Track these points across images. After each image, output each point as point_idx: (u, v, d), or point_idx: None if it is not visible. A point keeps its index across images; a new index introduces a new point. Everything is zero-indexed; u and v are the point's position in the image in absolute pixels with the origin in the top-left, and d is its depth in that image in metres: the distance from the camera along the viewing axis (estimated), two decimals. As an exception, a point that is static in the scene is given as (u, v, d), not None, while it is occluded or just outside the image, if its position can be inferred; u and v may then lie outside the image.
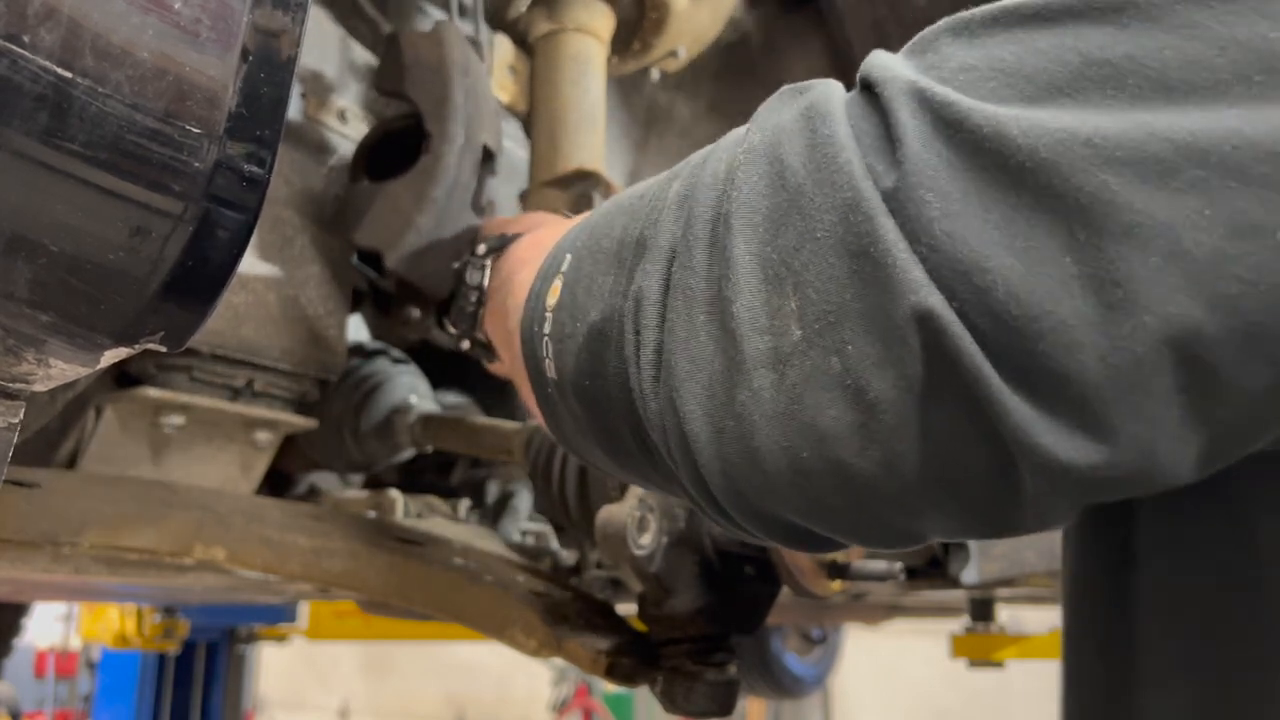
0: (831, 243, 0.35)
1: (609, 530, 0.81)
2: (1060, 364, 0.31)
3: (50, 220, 0.31)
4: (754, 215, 0.37)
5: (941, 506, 0.36)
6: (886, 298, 0.33)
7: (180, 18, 0.32)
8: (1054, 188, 0.31)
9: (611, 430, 0.47)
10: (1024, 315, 0.31)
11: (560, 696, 6.20)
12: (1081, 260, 0.31)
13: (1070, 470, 0.32)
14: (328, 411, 1.28)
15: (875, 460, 0.35)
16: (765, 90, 1.54)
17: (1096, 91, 0.32)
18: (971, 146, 0.33)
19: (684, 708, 0.87)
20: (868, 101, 0.37)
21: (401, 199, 1.05)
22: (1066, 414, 0.32)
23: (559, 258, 0.52)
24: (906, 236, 0.33)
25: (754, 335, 0.37)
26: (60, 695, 5.98)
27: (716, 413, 0.38)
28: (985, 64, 0.35)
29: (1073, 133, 0.32)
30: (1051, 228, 0.32)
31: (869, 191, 0.34)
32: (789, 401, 0.36)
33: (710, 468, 0.39)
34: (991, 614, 2.82)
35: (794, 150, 0.37)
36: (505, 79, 1.09)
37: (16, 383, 0.36)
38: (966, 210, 0.32)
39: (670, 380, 0.40)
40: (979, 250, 0.32)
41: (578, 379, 0.47)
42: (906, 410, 0.33)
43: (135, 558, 0.91)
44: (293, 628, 4.36)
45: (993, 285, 0.32)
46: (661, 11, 1.15)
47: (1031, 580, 1.62)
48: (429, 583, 1.00)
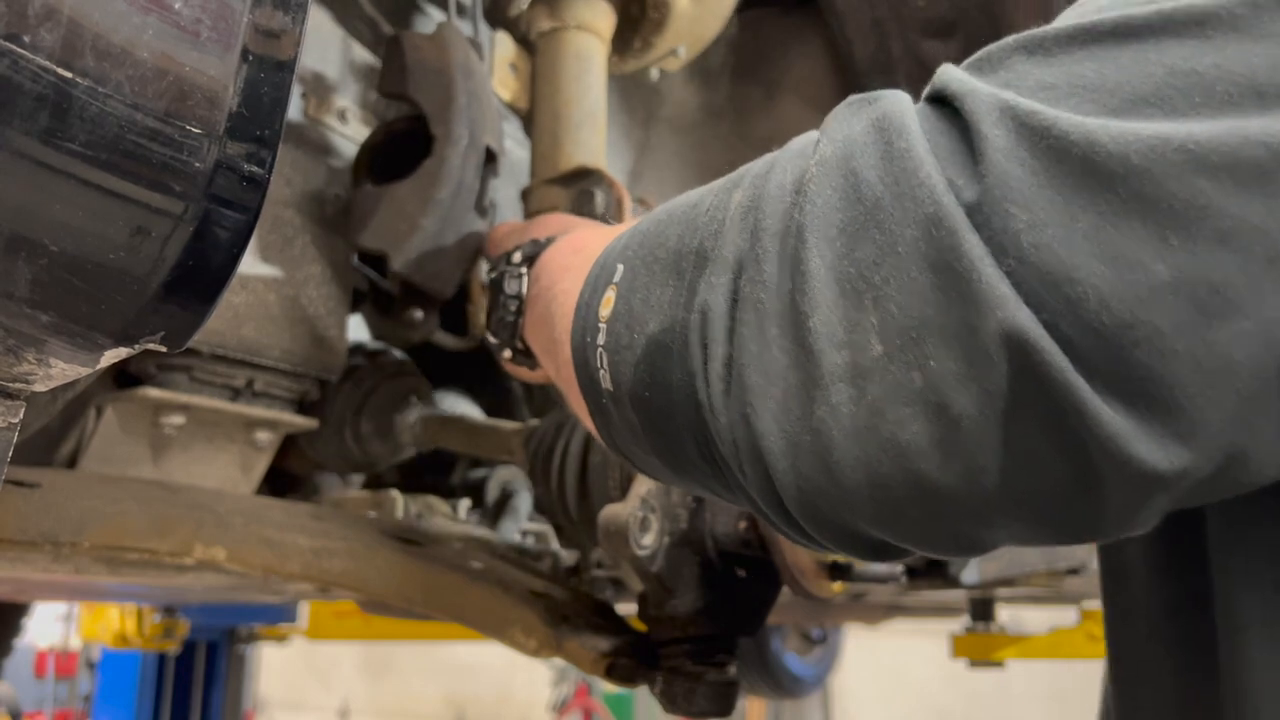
0: (914, 257, 0.34)
1: (611, 530, 0.81)
2: (1155, 371, 0.31)
3: (51, 220, 0.31)
4: (829, 229, 0.37)
5: (1020, 518, 0.36)
6: (972, 313, 0.33)
7: (180, 18, 0.32)
8: (1146, 194, 0.31)
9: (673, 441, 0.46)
10: (1116, 324, 0.31)
11: (560, 696, 6.20)
12: (1175, 267, 0.31)
13: (1163, 478, 0.32)
14: (328, 411, 1.28)
15: (956, 474, 0.34)
16: (765, 90, 1.53)
17: (1184, 100, 0.32)
18: (1058, 154, 0.32)
19: (684, 708, 0.87)
20: (942, 115, 0.36)
21: (406, 201, 1.05)
22: (1160, 423, 0.32)
23: (609, 267, 0.51)
24: (992, 251, 0.33)
25: (831, 350, 0.36)
26: (60, 695, 5.98)
27: (792, 427, 0.38)
28: (1065, 81, 0.34)
29: (1165, 139, 0.31)
30: (1143, 234, 0.31)
31: (951, 206, 0.34)
32: (869, 416, 0.36)
33: (785, 481, 0.39)
34: (991, 614, 2.82)
35: (868, 163, 0.37)
36: (507, 76, 1.09)
37: (17, 382, 0.36)
38: (1053, 220, 0.32)
39: (742, 395, 0.39)
40: (1068, 261, 0.32)
41: (636, 390, 0.47)
42: (989, 425, 0.33)
43: (135, 558, 0.91)
44: (293, 628, 4.36)
45: (1083, 296, 0.31)
46: (663, 10, 1.15)
47: (1031, 580, 1.62)
48: (429, 583, 1.00)
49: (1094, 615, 3.03)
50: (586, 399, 0.54)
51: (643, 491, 0.83)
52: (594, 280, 0.53)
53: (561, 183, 1.04)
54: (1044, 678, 5.40)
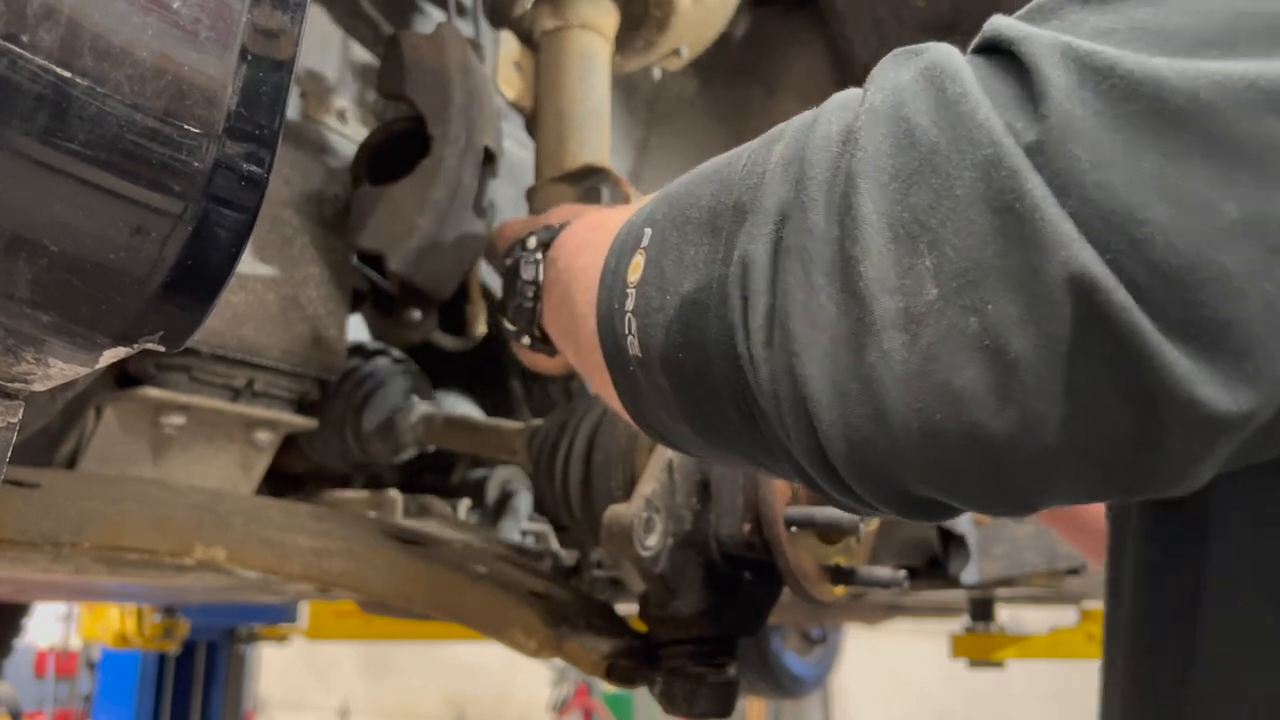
0: (972, 200, 0.34)
1: (615, 530, 0.81)
2: (1223, 313, 0.31)
3: (50, 220, 0.31)
4: (880, 174, 0.36)
5: (1077, 469, 0.35)
6: (1034, 254, 0.32)
7: (179, 17, 0.32)
8: (1214, 132, 0.31)
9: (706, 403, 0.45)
10: (1184, 265, 0.30)
11: (560, 697, 6.20)
12: (1244, 206, 0.30)
13: (1228, 422, 0.32)
14: (329, 411, 1.28)
15: (1012, 421, 0.34)
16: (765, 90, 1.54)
17: (1249, 41, 0.32)
18: (1122, 93, 0.32)
19: (684, 709, 0.87)
20: (996, 61, 0.36)
21: (404, 202, 1.05)
22: (1227, 365, 0.31)
23: (635, 234, 0.50)
24: (1055, 191, 0.32)
25: (883, 295, 0.35)
26: (60, 695, 5.98)
27: (840, 376, 0.37)
28: (1124, 26, 0.34)
29: (1235, 76, 0.31)
30: (1211, 173, 0.31)
31: (1011, 147, 0.33)
32: (922, 362, 0.35)
33: (831, 432, 0.38)
34: (991, 614, 2.83)
35: (921, 109, 0.36)
36: (511, 75, 1.09)
37: (16, 382, 0.36)
38: (1118, 160, 0.31)
39: (787, 344, 0.38)
40: (1133, 201, 0.31)
41: (668, 352, 0.46)
42: (1049, 370, 0.32)
43: (135, 558, 0.91)
44: (293, 628, 4.36)
45: (1150, 236, 0.31)
46: (666, 10, 1.15)
47: (1032, 580, 1.62)
48: (429, 583, 1.00)
49: (1094, 615, 3.03)
50: (612, 369, 0.53)
51: (647, 492, 0.83)
52: (619, 248, 0.52)
53: (568, 181, 1.04)
54: (1044, 678, 5.41)
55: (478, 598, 0.99)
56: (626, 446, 0.94)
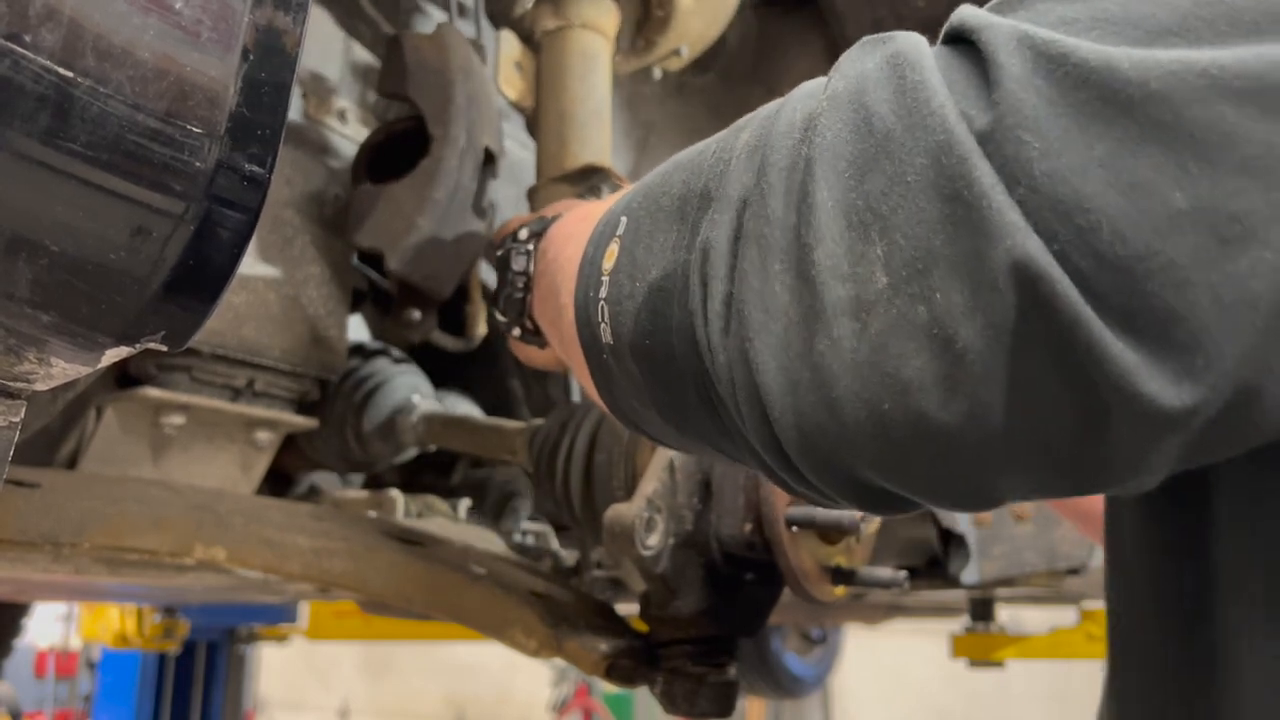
0: (922, 186, 0.33)
1: (616, 529, 0.81)
2: (1169, 304, 0.30)
3: (52, 220, 0.31)
4: (838, 161, 0.36)
5: (1024, 461, 0.34)
6: (981, 242, 0.32)
7: (181, 18, 0.32)
8: (1165, 120, 0.30)
9: (672, 390, 0.45)
10: (1130, 254, 0.30)
11: (560, 696, 6.20)
12: (1193, 195, 0.30)
13: (1174, 417, 0.31)
14: (329, 411, 1.28)
15: (959, 412, 0.33)
16: (765, 90, 1.54)
17: (1209, 29, 0.31)
18: (1075, 81, 0.31)
19: (685, 709, 0.87)
20: (958, 51, 0.36)
21: (403, 201, 1.05)
22: (1174, 357, 0.31)
23: (612, 222, 0.51)
24: (1003, 179, 0.32)
25: (835, 283, 0.35)
26: (60, 695, 5.98)
27: (792, 364, 0.37)
28: (1087, 15, 0.34)
29: (1187, 64, 0.30)
30: (1161, 161, 0.30)
31: (963, 134, 0.33)
32: (871, 351, 0.34)
33: (783, 421, 0.38)
34: (991, 614, 2.83)
35: (881, 96, 0.36)
36: (512, 75, 1.09)
37: (17, 382, 0.36)
38: (1068, 148, 0.31)
39: (742, 331, 0.38)
40: (1081, 189, 0.31)
41: (637, 339, 0.46)
42: (995, 360, 0.32)
43: (135, 558, 0.91)
44: (293, 628, 4.36)
45: (1096, 225, 0.30)
46: (667, 10, 1.15)
47: (1032, 580, 1.62)
48: (429, 583, 1.00)
49: (1094, 615, 3.03)
50: (588, 358, 0.53)
51: (648, 491, 0.83)
52: (598, 237, 0.52)
53: (569, 181, 1.04)
54: (1044, 678, 5.41)
55: (478, 598, 0.99)
56: (628, 446, 0.94)
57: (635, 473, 0.92)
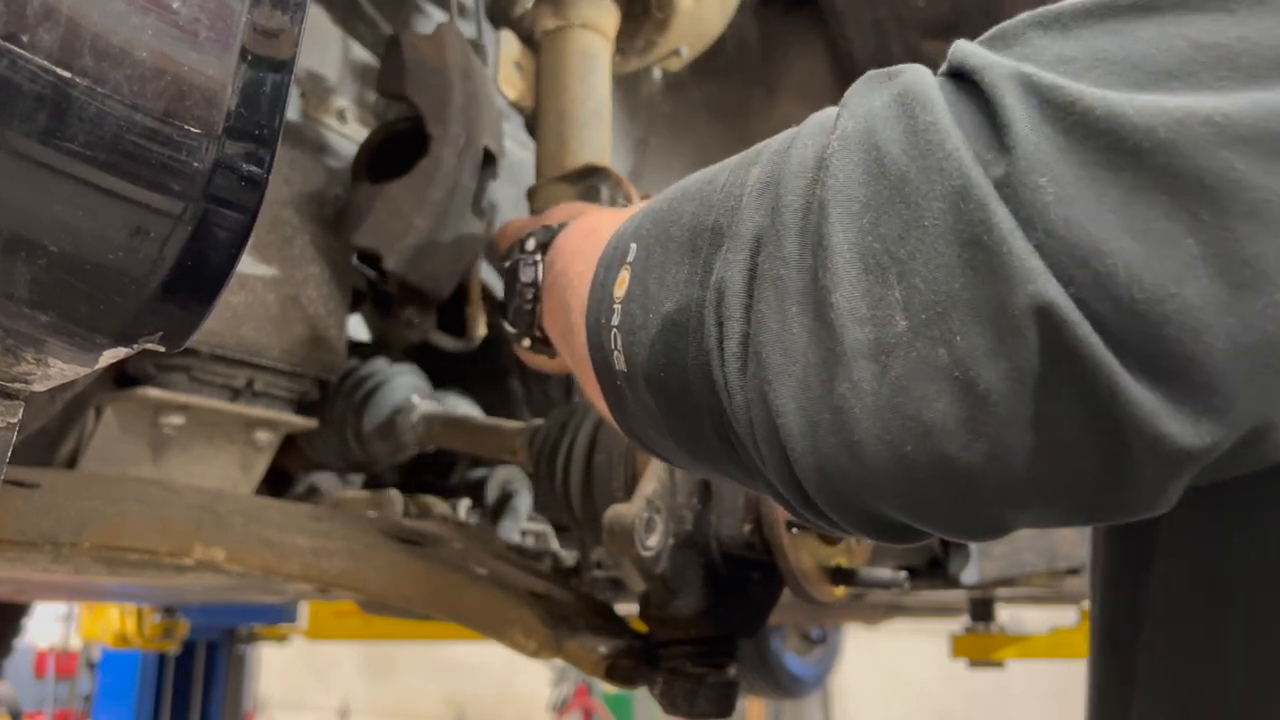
0: (940, 231, 0.34)
1: (616, 530, 0.81)
2: (1186, 347, 0.31)
3: (49, 220, 0.31)
4: (851, 203, 0.36)
5: (1046, 497, 0.35)
6: (1001, 287, 0.32)
7: (179, 18, 0.32)
8: (1174, 168, 0.31)
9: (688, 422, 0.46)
10: (1147, 299, 0.31)
11: (560, 697, 6.20)
12: (1206, 241, 0.31)
13: (1192, 455, 0.32)
14: (329, 411, 1.28)
15: (981, 454, 0.34)
16: (765, 90, 1.53)
17: (1209, 74, 0.32)
18: (1084, 129, 0.32)
19: (685, 709, 0.87)
20: (962, 89, 0.36)
21: (401, 201, 1.05)
22: (1191, 398, 0.31)
23: (622, 247, 0.51)
24: (1021, 224, 0.32)
25: (854, 326, 0.36)
26: (60, 695, 5.98)
27: (812, 406, 0.37)
28: (1085, 55, 0.34)
29: (1192, 112, 0.31)
30: (1172, 209, 0.31)
31: (980, 179, 0.33)
32: (892, 394, 0.35)
33: (804, 462, 0.38)
34: (991, 614, 2.82)
35: (892, 137, 0.36)
36: (512, 75, 1.09)
37: (16, 382, 0.36)
38: (1082, 194, 0.32)
39: (760, 372, 0.39)
40: (1097, 235, 0.31)
41: (651, 371, 0.46)
42: (1017, 402, 0.33)
43: (135, 557, 0.90)
44: (293, 628, 4.36)
45: (1113, 270, 0.31)
46: (667, 10, 1.15)
47: (1032, 580, 1.62)
48: (429, 583, 1.00)
49: (1094, 615, 3.02)
50: (601, 382, 0.53)
51: (648, 492, 0.83)
52: (608, 261, 0.52)
53: (568, 181, 1.04)
54: (1044, 678, 5.40)
55: (478, 598, 0.99)
56: (628, 446, 0.94)
57: (635, 473, 0.92)
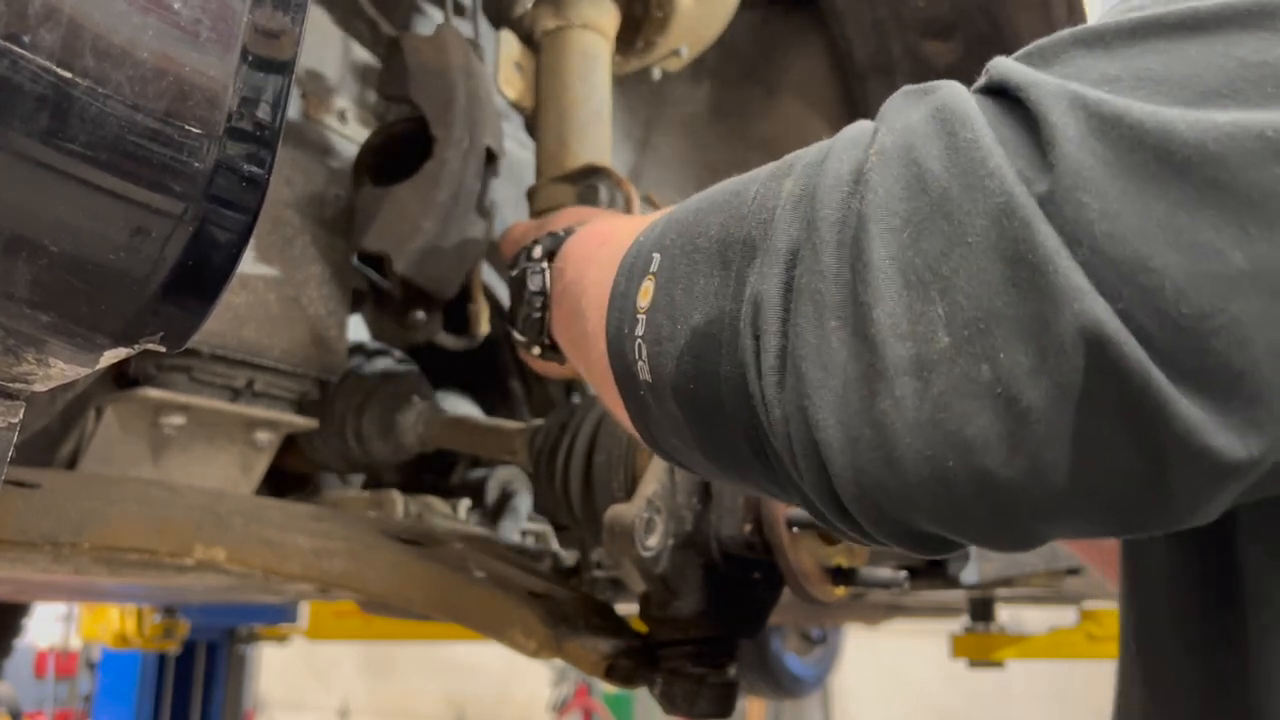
0: (984, 248, 0.34)
1: (616, 530, 0.81)
2: (1234, 361, 0.31)
3: (51, 220, 0.31)
4: (892, 219, 0.36)
5: (1085, 512, 0.35)
6: (1046, 306, 0.32)
7: (180, 18, 0.32)
8: (1223, 182, 0.31)
9: (719, 435, 0.46)
10: (1194, 314, 0.31)
11: (560, 697, 6.20)
12: (1253, 255, 0.31)
13: (1239, 468, 0.32)
14: (329, 411, 1.28)
15: (1022, 469, 0.34)
16: (765, 90, 1.53)
17: (1257, 92, 0.32)
18: (1131, 142, 0.32)
19: (685, 709, 0.87)
20: (1003, 105, 0.36)
21: (408, 204, 1.05)
22: (1239, 412, 0.31)
23: (644, 256, 0.50)
24: (1066, 241, 0.32)
25: (895, 342, 0.35)
26: (60, 695, 5.98)
27: (851, 421, 0.37)
28: (1130, 74, 0.34)
29: (1243, 127, 0.31)
30: (1220, 223, 0.31)
31: (1023, 196, 0.33)
32: (934, 410, 0.35)
33: (843, 477, 0.38)
34: (991, 614, 2.83)
35: (932, 153, 0.36)
36: (512, 75, 1.09)
37: (16, 383, 0.36)
38: (1127, 209, 0.32)
39: (799, 386, 0.39)
40: (1143, 250, 0.31)
41: (680, 382, 0.46)
42: (1060, 419, 0.33)
43: (135, 558, 0.91)
44: (293, 628, 4.36)
45: (1160, 285, 0.31)
46: (667, 10, 1.15)
47: (1031, 580, 1.62)
48: (429, 583, 1.00)
49: (1093, 615, 3.03)
50: (623, 392, 0.53)
51: (648, 492, 0.83)
52: (628, 270, 0.52)
53: (569, 181, 1.04)
54: (1044, 678, 5.41)
55: (478, 598, 0.99)
56: (628, 447, 0.94)
57: (635, 473, 0.92)
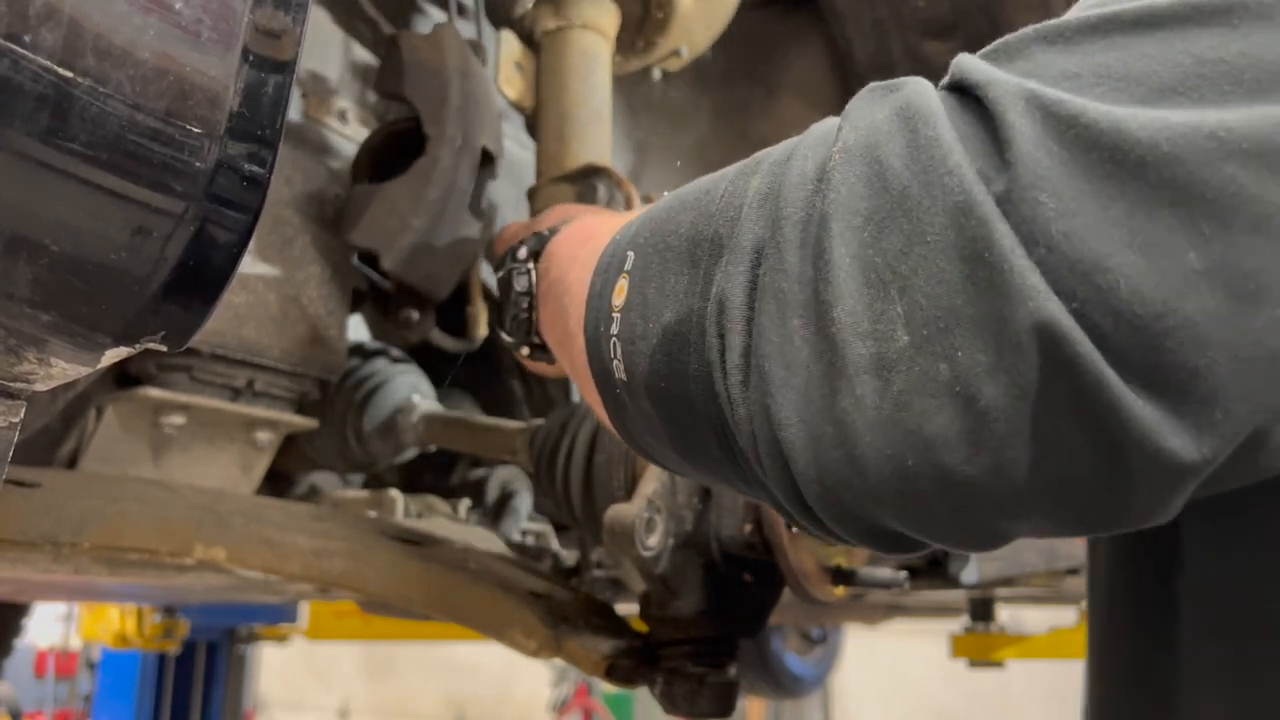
0: (942, 247, 0.34)
1: (617, 529, 0.81)
2: (1188, 361, 0.31)
3: (52, 220, 0.31)
4: (854, 217, 0.36)
5: (1046, 509, 0.35)
6: (1002, 304, 0.32)
7: (181, 18, 0.32)
8: (1177, 181, 0.31)
9: (690, 432, 0.46)
10: (1149, 313, 0.31)
11: (560, 697, 6.20)
12: (1208, 254, 0.31)
13: (1193, 468, 0.32)
14: (329, 411, 1.28)
15: (983, 467, 0.34)
16: (765, 90, 1.53)
17: (1212, 89, 0.32)
18: (1087, 143, 0.32)
19: (685, 709, 0.87)
20: (965, 103, 0.36)
21: (398, 200, 1.05)
22: (1192, 412, 0.32)
23: (619, 255, 0.51)
24: (1022, 240, 0.32)
25: (856, 340, 0.36)
26: (60, 695, 5.98)
27: (814, 419, 0.37)
28: (1089, 70, 0.34)
29: (1195, 126, 0.31)
30: (1175, 222, 0.31)
31: (981, 195, 0.33)
32: (894, 408, 0.35)
33: (806, 474, 0.38)
34: (991, 614, 2.83)
35: (894, 151, 0.36)
36: (512, 75, 1.09)
37: (17, 382, 0.36)
38: (1083, 209, 0.32)
39: (762, 385, 0.39)
40: (1098, 249, 0.31)
41: (652, 380, 0.46)
42: (1018, 417, 0.33)
43: (135, 557, 0.91)
44: (293, 628, 4.36)
45: (1115, 284, 0.31)
46: (667, 10, 1.15)
47: (1031, 580, 1.62)
48: (429, 583, 1.00)
49: (1094, 615, 3.02)
50: (600, 390, 0.53)
51: (648, 492, 0.83)
52: (605, 269, 0.52)
53: (569, 181, 1.05)
54: (1044, 678, 5.40)
55: (478, 598, 0.99)
56: (628, 447, 0.94)
57: (635, 473, 0.92)
